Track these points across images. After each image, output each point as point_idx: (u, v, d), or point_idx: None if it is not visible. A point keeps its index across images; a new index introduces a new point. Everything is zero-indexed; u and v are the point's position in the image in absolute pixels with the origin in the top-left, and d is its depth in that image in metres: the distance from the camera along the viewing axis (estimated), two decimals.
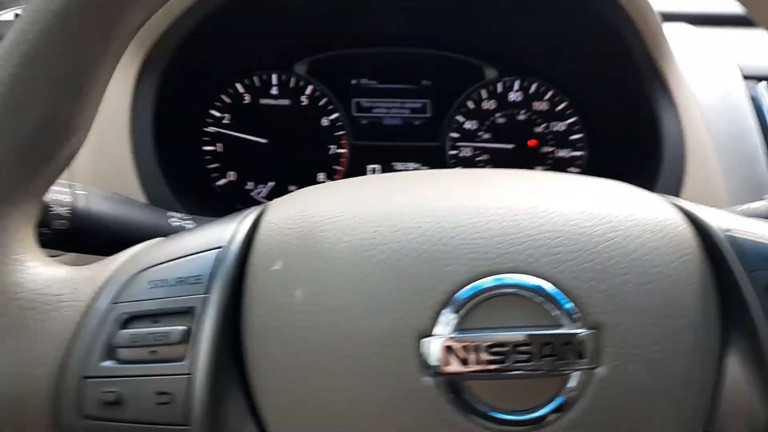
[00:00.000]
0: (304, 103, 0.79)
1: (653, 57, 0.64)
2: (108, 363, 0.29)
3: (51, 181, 0.33)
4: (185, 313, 0.29)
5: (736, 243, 0.32)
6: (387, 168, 0.80)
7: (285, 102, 0.78)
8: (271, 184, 0.78)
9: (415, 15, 0.77)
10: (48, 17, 0.29)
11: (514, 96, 0.80)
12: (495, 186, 0.34)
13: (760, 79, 0.69)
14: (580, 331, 0.28)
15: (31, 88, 0.29)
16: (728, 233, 0.33)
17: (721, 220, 0.34)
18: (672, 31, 0.69)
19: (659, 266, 0.30)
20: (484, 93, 0.80)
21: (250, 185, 0.78)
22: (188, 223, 0.47)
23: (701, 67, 0.69)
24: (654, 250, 0.30)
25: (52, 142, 0.31)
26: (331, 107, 0.79)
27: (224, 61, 0.76)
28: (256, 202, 0.78)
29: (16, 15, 0.71)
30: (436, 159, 0.80)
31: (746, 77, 0.69)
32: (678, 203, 0.35)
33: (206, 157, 0.77)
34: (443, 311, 0.28)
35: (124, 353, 0.29)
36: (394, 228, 0.30)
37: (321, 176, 0.79)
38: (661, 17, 0.66)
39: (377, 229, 0.30)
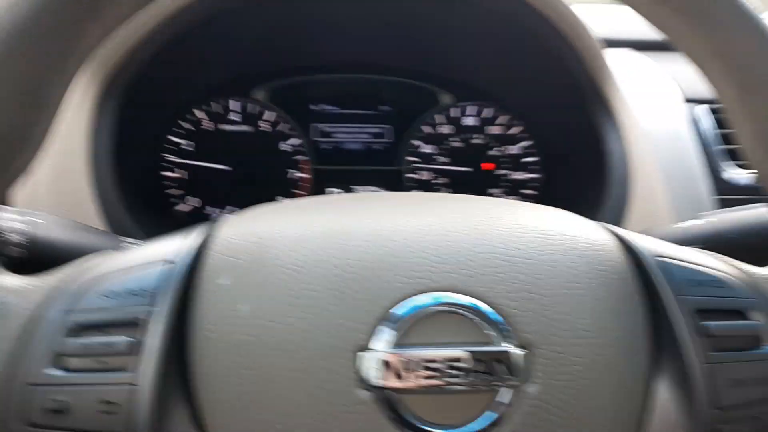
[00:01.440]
0: (264, 129, 0.80)
1: (595, 81, 0.67)
2: (54, 371, 0.29)
3: (2, 193, 0.33)
4: (132, 324, 0.30)
5: (666, 268, 0.33)
6: (347, 191, 0.81)
7: (245, 128, 0.80)
8: (232, 209, 0.79)
9: (369, 42, 0.79)
10: (6, 32, 0.29)
11: (469, 121, 0.82)
12: (436, 208, 0.35)
13: (700, 102, 0.72)
14: (512, 349, 0.29)
15: None
16: (658, 258, 0.34)
17: (652, 246, 0.35)
18: (616, 57, 0.72)
19: (590, 287, 0.31)
20: (440, 118, 0.82)
21: (210, 210, 0.79)
22: None
23: (645, 91, 0.72)
24: (586, 272, 0.32)
25: (5, 155, 0.31)
26: (291, 132, 0.81)
27: (183, 86, 0.77)
28: None
29: None
30: (395, 182, 0.82)
31: (688, 100, 0.72)
32: (612, 229, 0.36)
33: (166, 183, 0.78)
34: (380, 327, 0.29)
35: (71, 362, 0.29)
36: (335, 246, 0.31)
37: (282, 201, 0.80)
38: (605, 43, 0.69)
39: (320, 247, 0.31)
